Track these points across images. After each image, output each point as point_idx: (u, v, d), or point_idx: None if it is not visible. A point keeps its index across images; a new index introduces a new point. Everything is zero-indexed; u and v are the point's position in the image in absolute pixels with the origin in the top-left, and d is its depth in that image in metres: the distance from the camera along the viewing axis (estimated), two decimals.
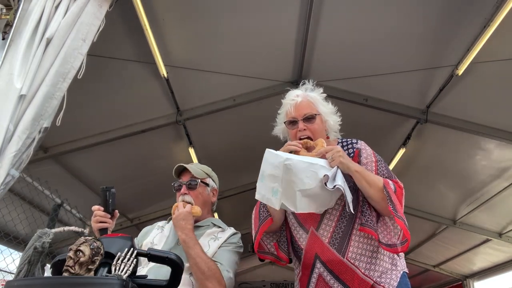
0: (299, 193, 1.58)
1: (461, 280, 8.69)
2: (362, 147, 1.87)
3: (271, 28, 3.60)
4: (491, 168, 4.95)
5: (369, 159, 1.83)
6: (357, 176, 1.69)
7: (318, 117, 1.88)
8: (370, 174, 1.72)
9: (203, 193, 2.10)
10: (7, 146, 1.88)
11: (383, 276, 1.70)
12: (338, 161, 1.66)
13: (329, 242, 1.75)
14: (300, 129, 1.85)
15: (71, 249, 1.13)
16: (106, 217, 1.78)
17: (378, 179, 1.70)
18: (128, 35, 3.39)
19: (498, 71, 3.66)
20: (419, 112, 4.39)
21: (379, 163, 1.83)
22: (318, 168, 1.61)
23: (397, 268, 1.75)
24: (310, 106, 1.89)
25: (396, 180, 1.77)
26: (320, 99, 1.94)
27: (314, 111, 1.88)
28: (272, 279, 10.29)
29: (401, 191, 1.73)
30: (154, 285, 1.24)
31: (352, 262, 1.71)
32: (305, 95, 1.94)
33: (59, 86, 2.05)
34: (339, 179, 1.62)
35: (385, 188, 1.66)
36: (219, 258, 1.89)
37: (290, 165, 1.56)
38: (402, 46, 3.71)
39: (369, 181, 1.69)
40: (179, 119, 4.39)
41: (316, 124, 1.86)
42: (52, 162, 4.39)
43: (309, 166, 1.60)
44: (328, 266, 1.74)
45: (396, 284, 1.69)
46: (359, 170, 1.69)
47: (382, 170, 1.81)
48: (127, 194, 5.31)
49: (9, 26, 2.08)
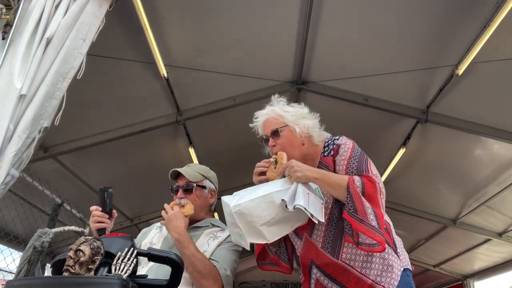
0: (264, 227, 1.61)
1: (461, 280, 8.69)
2: (342, 143, 1.84)
3: (271, 28, 3.60)
4: (491, 168, 4.95)
5: (344, 156, 1.80)
6: (319, 183, 1.70)
7: (285, 129, 1.86)
8: (332, 177, 1.70)
9: (200, 196, 2.09)
10: (7, 146, 1.88)
11: (383, 275, 1.67)
12: (295, 176, 1.66)
13: (322, 247, 1.76)
14: (270, 145, 1.88)
15: (71, 249, 1.13)
16: (104, 217, 1.78)
17: (342, 180, 1.67)
18: (128, 35, 3.39)
19: (498, 71, 3.66)
20: (419, 112, 4.39)
21: (352, 159, 1.78)
22: (273, 196, 1.63)
23: (396, 266, 1.71)
24: (275, 121, 1.89)
25: (367, 175, 1.72)
26: (284, 109, 1.92)
27: (279, 125, 1.87)
28: (272, 279, 10.28)
29: (373, 185, 1.67)
30: (154, 284, 1.25)
31: (347, 263, 1.70)
32: (269, 111, 1.93)
33: (59, 86, 2.05)
34: (299, 197, 1.60)
35: (348, 188, 1.63)
36: (216, 257, 1.89)
37: (240, 210, 1.60)
38: (402, 46, 3.71)
39: (332, 184, 1.68)
40: (179, 119, 4.39)
41: (283, 137, 1.85)
42: (52, 162, 4.39)
43: (262, 199, 1.62)
44: (324, 270, 1.75)
45: (396, 284, 1.66)
46: (319, 176, 1.69)
47: (352, 166, 1.76)
48: (127, 194, 5.31)
49: (9, 26, 2.08)
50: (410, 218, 6.50)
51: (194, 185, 2.07)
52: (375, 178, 1.70)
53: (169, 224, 1.91)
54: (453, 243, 7.22)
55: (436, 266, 8.64)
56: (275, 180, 1.75)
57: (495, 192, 5.29)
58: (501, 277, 7.71)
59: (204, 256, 1.84)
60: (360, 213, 1.59)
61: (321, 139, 1.91)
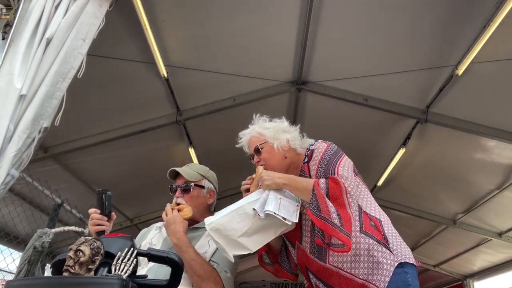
0: (243, 238, 1.67)
1: (461, 280, 8.70)
2: (315, 148, 1.90)
3: (271, 28, 3.60)
4: (491, 168, 4.95)
5: (315, 160, 1.85)
6: (288, 188, 1.76)
7: (265, 145, 1.96)
8: (300, 182, 1.76)
9: (198, 196, 2.08)
10: (7, 146, 1.88)
11: (374, 273, 1.62)
12: (265, 185, 1.74)
13: (311, 252, 1.80)
14: (255, 162, 1.99)
15: (71, 249, 1.13)
16: (103, 219, 1.78)
17: (308, 183, 1.71)
18: (128, 35, 3.39)
19: (498, 71, 3.66)
20: (419, 112, 4.39)
21: (321, 162, 1.82)
22: (245, 207, 1.70)
23: (387, 261, 1.64)
24: (256, 139, 2.00)
25: (332, 177, 1.72)
26: (264, 126, 2.02)
27: (259, 142, 1.97)
28: (272, 279, 10.27)
29: (337, 186, 1.67)
30: (154, 285, 1.24)
31: (336, 266, 1.71)
32: (251, 130, 2.05)
33: (59, 86, 2.05)
34: (269, 203, 1.67)
35: (313, 190, 1.66)
36: (217, 258, 1.89)
37: (215, 227, 1.67)
38: (402, 46, 3.72)
39: (299, 188, 1.74)
40: (179, 119, 4.39)
41: (264, 152, 1.95)
42: (52, 162, 4.39)
43: (235, 212, 1.69)
44: (317, 275, 1.79)
45: (388, 280, 1.60)
46: (287, 181, 1.75)
47: (321, 170, 1.80)
48: (127, 194, 5.30)
49: (9, 26, 2.07)
50: (410, 218, 6.51)
51: (192, 184, 2.07)
52: (340, 179, 1.69)
53: (168, 229, 1.90)
54: (453, 243, 7.23)
55: (436, 266, 8.64)
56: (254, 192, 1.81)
57: (495, 192, 5.29)
58: (501, 277, 7.72)
59: (204, 259, 1.84)
60: (323, 211, 1.60)
61: (304, 147, 1.98)
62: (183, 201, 2.04)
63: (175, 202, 2.05)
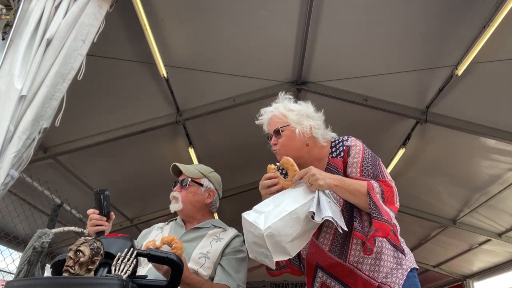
0: (290, 243, 1.55)
1: (461, 280, 8.69)
2: (352, 144, 1.81)
3: (271, 28, 3.60)
4: (491, 168, 4.95)
5: (356, 158, 1.76)
6: (339, 190, 1.65)
7: (286, 128, 1.83)
8: (351, 183, 1.66)
9: (195, 193, 2.09)
10: (8, 147, 1.88)
11: (388, 276, 1.66)
12: (317, 185, 1.59)
13: (330, 250, 1.74)
14: (272, 143, 1.85)
15: (71, 249, 1.13)
16: (102, 220, 1.78)
17: (361, 186, 1.64)
18: (128, 35, 3.39)
19: (498, 71, 3.66)
20: (418, 112, 4.39)
21: (365, 162, 1.75)
22: (298, 211, 1.57)
23: (402, 266, 1.70)
24: (278, 120, 1.86)
25: (383, 179, 1.70)
26: (288, 107, 1.89)
27: (281, 124, 1.84)
28: (272, 279, 10.26)
29: (390, 189, 1.66)
30: (154, 285, 1.24)
31: (355, 266, 1.69)
32: (274, 109, 1.91)
33: (59, 87, 2.05)
34: (325, 207, 1.56)
35: (369, 194, 1.61)
36: (229, 268, 1.89)
37: (271, 232, 1.51)
38: (402, 46, 3.72)
39: (352, 191, 1.64)
40: (179, 119, 4.39)
41: (284, 136, 1.82)
42: (52, 162, 4.39)
43: (289, 216, 1.56)
44: (330, 272, 1.74)
45: (402, 283, 1.65)
46: (339, 183, 1.64)
47: (367, 170, 1.73)
48: (127, 194, 5.30)
49: (9, 26, 2.08)
50: (410, 218, 6.50)
51: (189, 179, 2.09)
52: (391, 183, 1.68)
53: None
54: (453, 243, 7.22)
55: (436, 266, 8.64)
56: (294, 189, 1.66)
57: (495, 192, 5.29)
58: (501, 277, 7.72)
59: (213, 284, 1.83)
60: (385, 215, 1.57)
61: (326, 139, 1.87)
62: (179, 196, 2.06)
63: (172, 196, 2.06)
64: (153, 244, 1.66)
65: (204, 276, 1.86)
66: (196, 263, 1.89)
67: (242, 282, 1.89)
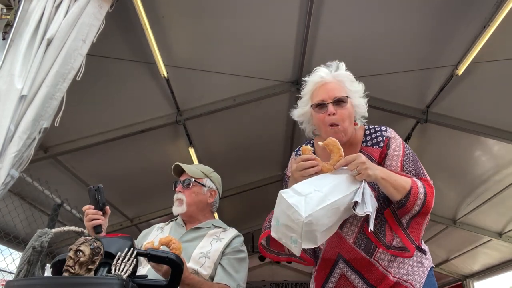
0: (322, 232, 1.45)
1: (461, 280, 8.69)
2: (392, 136, 1.69)
3: (271, 28, 3.60)
4: (491, 168, 4.95)
5: (397, 152, 1.65)
6: (383, 184, 1.51)
7: (349, 101, 1.66)
8: (396, 179, 1.53)
9: (198, 193, 2.10)
10: (8, 147, 1.89)
11: (410, 274, 1.63)
12: (366, 174, 1.46)
13: (355, 243, 1.64)
14: (330, 113, 1.62)
15: (71, 249, 1.13)
16: (98, 214, 1.78)
17: (406, 182, 1.53)
18: (128, 35, 3.39)
19: (498, 71, 3.66)
20: (419, 112, 4.39)
21: (406, 157, 1.65)
22: (339, 202, 1.45)
23: (423, 265, 1.66)
24: (340, 88, 1.68)
25: (425, 178, 1.61)
26: (350, 79, 1.73)
27: (344, 93, 1.66)
28: (272, 279, 10.28)
29: (431, 189, 1.57)
30: (154, 285, 1.25)
31: (381, 263, 1.62)
32: (335, 74, 1.73)
33: (59, 86, 2.06)
34: (368, 200, 1.46)
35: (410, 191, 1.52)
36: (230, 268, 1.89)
37: (311, 221, 1.39)
38: (402, 46, 3.72)
39: (396, 186, 1.52)
40: (179, 119, 4.38)
41: (346, 108, 1.64)
42: (52, 162, 4.39)
43: (330, 206, 1.44)
44: (353, 265, 1.64)
45: (423, 282, 1.62)
46: (386, 177, 1.51)
47: (409, 166, 1.63)
48: (127, 194, 5.31)
49: (9, 26, 2.08)
50: None
51: (192, 180, 2.09)
52: (431, 182, 1.61)
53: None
54: (453, 243, 7.22)
55: (436, 266, 8.62)
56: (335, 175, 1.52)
57: (495, 192, 5.29)
58: (501, 277, 7.72)
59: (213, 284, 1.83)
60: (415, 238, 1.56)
61: (360, 125, 1.75)
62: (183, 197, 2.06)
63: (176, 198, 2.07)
64: (152, 246, 1.66)
65: (204, 275, 1.86)
66: (197, 262, 1.89)
67: (242, 282, 1.89)
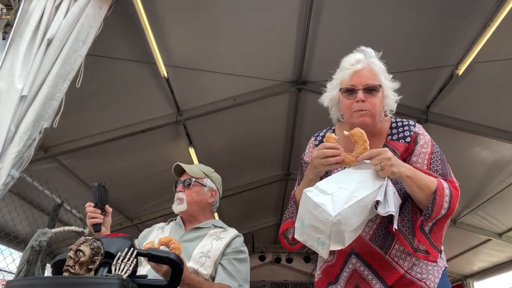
0: (348, 233, 1.38)
1: (461, 280, 8.70)
2: (420, 132, 1.64)
3: (271, 28, 3.60)
4: (491, 168, 4.95)
5: (425, 149, 1.59)
6: (408, 182, 1.44)
7: (380, 90, 1.61)
8: (422, 178, 1.46)
9: (199, 193, 2.10)
10: (9, 147, 1.89)
11: (424, 273, 1.60)
12: (390, 171, 1.39)
13: (371, 239, 1.58)
14: (359, 99, 1.56)
15: (71, 249, 1.13)
16: (97, 212, 1.77)
17: (431, 182, 1.45)
18: (129, 35, 3.39)
19: (498, 71, 3.66)
20: (419, 112, 4.39)
21: (433, 155, 1.58)
22: (366, 200, 1.39)
23: (438, 264, 1.62)
24: (373, 76, 1.62)
25: (451, 180, 1.54)
26: (384, 69, 1.67)
27: (377, 82, 1.60)
28: (272, 279, 10.28)
29: (457, 192, 1.50)
30: (154, 285, 1.25)
31: (396, 261, 1.58)
32: (369, 62, 1.66)
33: (59, 87, 2.06)
34: (391, 199, 1.39)
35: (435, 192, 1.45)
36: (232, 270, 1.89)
37: (339, 220, 1.32)
38: (402, 46, 3.71)
39: (421, 186, 1.44)
40: (179, 119, 4.39)
41: (377, 97, 1.58)
42: (52, 162, 4.39)
43: (357, 204, 1.37)
44: (365, 260, 1.60)
45: (437, 281, 1.59)
46: (411, 175, 1.44)
47: (436, 165, 1.56)
48: (127, 194, 5.31)
49: (9, 26, 2.08)
50: None
51: (193, 179, 2.09)
52: (457, 185, 1.53)
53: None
54: (453, 243, 7.22)
55: None
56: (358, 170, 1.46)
57: (495, 192, 5.29)
58: (501, 277, 7.72)
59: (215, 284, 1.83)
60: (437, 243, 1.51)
61: (387, 118, 1.70)
62: (184, 196, 2.06)
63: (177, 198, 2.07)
64: (152, 246, 1.66)
65: (205, 275, 1.86)
66: (197, 262, 1.89)
67: (243, 282, 1.89)
